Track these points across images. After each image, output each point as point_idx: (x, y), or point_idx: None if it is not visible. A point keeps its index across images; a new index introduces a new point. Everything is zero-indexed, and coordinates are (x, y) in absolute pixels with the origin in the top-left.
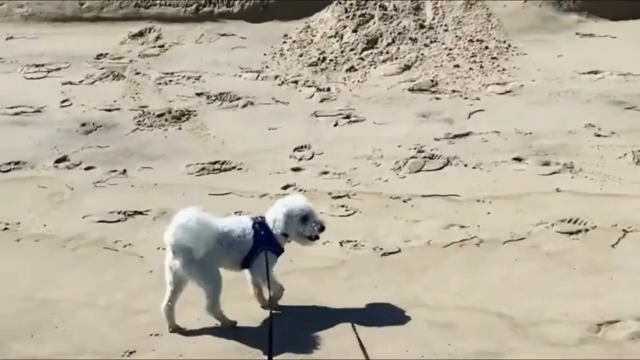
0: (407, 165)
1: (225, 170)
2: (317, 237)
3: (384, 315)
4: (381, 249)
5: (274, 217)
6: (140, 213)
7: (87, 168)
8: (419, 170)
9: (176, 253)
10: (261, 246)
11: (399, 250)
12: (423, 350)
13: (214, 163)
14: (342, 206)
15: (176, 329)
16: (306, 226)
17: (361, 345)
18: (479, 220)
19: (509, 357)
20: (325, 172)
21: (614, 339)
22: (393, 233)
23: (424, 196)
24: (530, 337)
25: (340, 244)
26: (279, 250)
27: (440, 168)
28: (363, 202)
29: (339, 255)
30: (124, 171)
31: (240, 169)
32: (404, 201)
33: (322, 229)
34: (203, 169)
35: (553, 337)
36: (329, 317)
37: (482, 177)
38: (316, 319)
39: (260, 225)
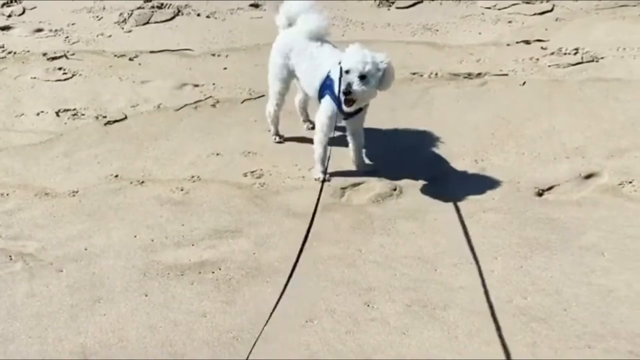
0: (133, 17)
1: None
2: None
3: (108, 195)
4: (104, 116)
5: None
6: None
7: None
8: (147, 23)
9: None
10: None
11: (125, 117)
12: (153, 233)
13: None
14: (60, 69)
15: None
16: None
17: None
18: (214, 77)
19: (248, 232)
20: (40, 30)
21: (358, 203)
22: (118, 97)
23: (152, 52)
24: (271, 207)
25: (57, 113)
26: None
27: (171, 19)
28: (83, 63)
29: (56, 127)
30: None
31: None
32: (130, 59)
33: (346, 92)
34: None
35: (295, 206)
36: (40, 204)
37: (218, 27)
38: (25, 209)
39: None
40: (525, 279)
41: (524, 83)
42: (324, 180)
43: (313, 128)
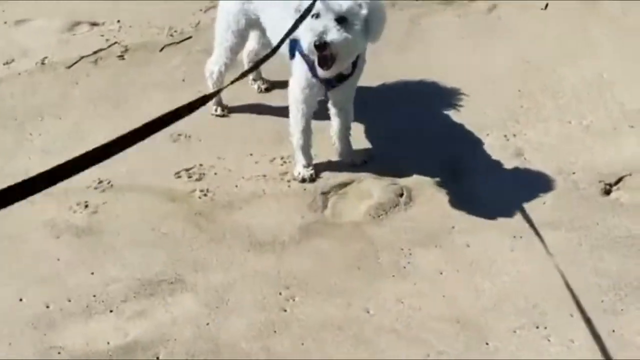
0: None
1: None
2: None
3: None
4: None
5: None
6: None
7: None
8: None
9: None
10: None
11: None
12: (48, 292)
13: None
14: None
15: None
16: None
17: None
18: (119, 10)
19: (195, 281)
20: None
21: (350, 220)
22: None
23: None
24: (223, 233)
25: None
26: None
27: None
28: None
29: None
30: None
31: None
32: None
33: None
34: None
35: (259, 229)
36: None
37: None
38: None
39: None
40: (625, 354)
41: (546, 6)
42: (311, 180)
43: (267, 90)
